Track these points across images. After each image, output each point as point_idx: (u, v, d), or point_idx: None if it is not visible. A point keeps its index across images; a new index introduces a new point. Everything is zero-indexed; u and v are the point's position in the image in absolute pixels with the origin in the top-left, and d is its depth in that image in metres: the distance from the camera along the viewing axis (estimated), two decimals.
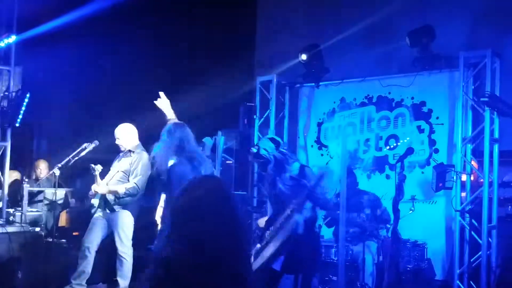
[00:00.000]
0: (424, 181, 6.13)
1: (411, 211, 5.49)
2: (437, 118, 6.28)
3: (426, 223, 5.98)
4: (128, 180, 5.54)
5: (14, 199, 6.43)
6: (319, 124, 7.21)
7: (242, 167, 7.48)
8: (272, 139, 4.28)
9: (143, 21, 7.94)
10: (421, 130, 6.36)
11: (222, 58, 8.02)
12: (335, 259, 5.49)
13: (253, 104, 7.36)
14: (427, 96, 6.37)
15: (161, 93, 4.63)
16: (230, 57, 8.06)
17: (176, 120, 4.53)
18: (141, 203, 5.67)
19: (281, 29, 8.10)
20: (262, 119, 7.26)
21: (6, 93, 6.09)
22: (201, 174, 4.22)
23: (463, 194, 5.84)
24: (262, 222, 4.94)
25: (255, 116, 7.28)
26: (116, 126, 5.69)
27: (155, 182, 5.07)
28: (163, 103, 4.59)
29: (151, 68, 8.11)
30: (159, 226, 5.36)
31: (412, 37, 6.09)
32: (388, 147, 6.57)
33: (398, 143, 6.47)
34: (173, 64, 8.07)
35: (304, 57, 6.92)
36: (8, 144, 5.98)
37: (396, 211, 4.73)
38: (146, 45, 8.09)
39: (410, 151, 5.11)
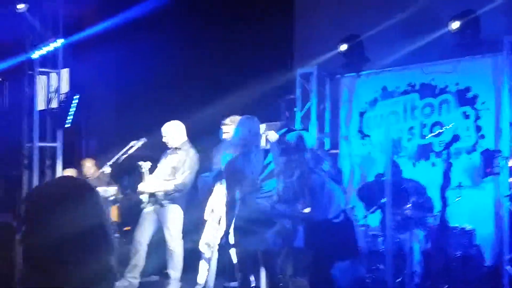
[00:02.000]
0: (471, 167, 6.04)
1: (458, 199, 5.43)
2: (483, 103, 6.18)
3: (474, 209, 5.88)
4: (176, 176, 5.67)
5: None
6: (361, 114, 7.18)
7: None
8: (299, 137, 4.28)
9: (183, 21, 8.08)
10: (466, 116, 6.27)
11: (261, 51, 8.08)
12: (382, 248, 5.49)
13: (293, 97, 7.40)
14: (471, 82, 6.26)
15: None
16: (269, 50, 8.12)
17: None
18: (188, 197, 5.81)
19: (319, 20, 8.08)
20: (304, 112, 7.28)
21: (56, 95, 6.35)
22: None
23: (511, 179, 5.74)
24: None
25: (296, 109, 7.32)
26: (163, 123, 5.82)
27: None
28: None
29: (193, 66, 8.24)
30: (208, 218, 5.51)
31: (454, 22, 5.99)
32: (432, 134, 6.49)
33: (442, 129, 6.39)
34: (213, 61, 8.19)
35: (343, 47, 6.91)
36: (60, 145, 6.23)
37: (443, 198, 4.70)
38: (188, 43, 8.23)
39: (456, 138, 5.06)
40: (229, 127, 5.26)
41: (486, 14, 6.03)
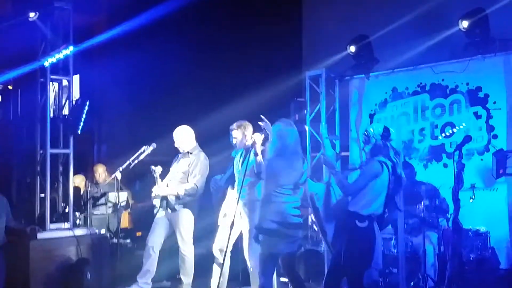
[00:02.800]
0: (483, 168, 5.99)
1: (471, 200, 5.38)
2: (494, 103, 6.12)
3: (488, 211, 5.84)
4: (188, 180, 5.70)
5: (78, 203, 6.71)
6: (371, 116, 7.16)
7: None
8: (385, 128, 4.36)
9: (192, 27, 8.11)
10: (478, 116, 6.21)
11: (269, 54, 8.07)
12: (395, 251, 5.46)
13: (303, 100, 7.38)
14: (482, 81, 6.21)
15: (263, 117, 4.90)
16: (277, 53, 8.10)
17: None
18: (200, 202, 5.83)
19: (327, 22, 8.06)
20: (313, 114, 7.26)
21: (67, 102, 6.38)
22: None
23: None
24: None
25: (305, 111, 7.29)
26: (172, 128, 5.86)
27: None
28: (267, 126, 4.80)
29: (202, 70, 8.27)
30: (220, 223, 5.52)
31: (464, 21, 5.94)
32: (443, 135, 6.45)
33: (454, 130, 6.35)
34: (221, 65, 8.21)
35: (352, 49, 6.88)
36: (71, 151, 6.25)
37: (456, 200, 4.66)
38: (196, 48, 8.26)
39: (467, 139, 5.00)
40: (237, 132, 5.34)
41: (496, 12, 5.97)
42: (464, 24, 5.92)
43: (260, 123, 5.07)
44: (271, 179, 4.43)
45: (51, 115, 6.24)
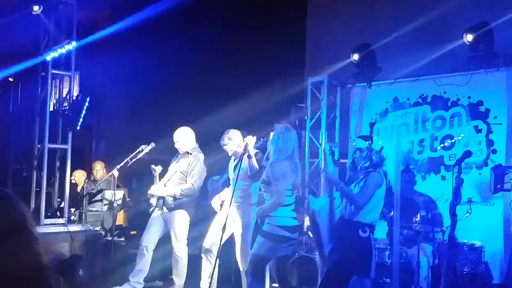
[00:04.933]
0: (481, 182, 5.97)
1: (468, 214, 5.37)
2: (495, 117, 6.11)
3: (484, 226, 5.82)
4: (186, 180, 5.68)
5: (74, 198, 6.69)
6: (372, 125, 7.14)
7: None
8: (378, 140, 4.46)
9: (196, 26, 8.11)
10: (478, 130, 6.20)
11: (272, 60, 8.08)
12: (389, 261, 5.44)
13: (304, 105, 7.37)
14: (484, 95, 6.20)
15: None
16: (280, 58, 8.11)
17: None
18: (196, 203, 5.81)
19: (331, 29, 8.06)
20: (314, 120, 7.25)
21: (68, 97, 6.36)
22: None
23: None
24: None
25: (306, 117, 7.29)
26: (171, 127, 5.84)
27: None
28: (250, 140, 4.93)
29: (204, 73, 8.28)
30: (212, 224, 5.50)
31: (469, 35, 5.94)
32: (442, 145, 6.43)
33: (453, 141, 6.33)
34: (224, 68, 8.21)
35: (355, 57, 6.87)
36: (69, 147, 6.23)
37: (453, 215, 4.64)
38: (200, 50, 8.25)
39: (467, 154, 4.99)
40: (230, 145, 5.35)
41: (500, 27, 5.98)
42: (469, 37, 5.92)
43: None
44: (281, 180, 4.39)
45: (51, 109, 6.22)
